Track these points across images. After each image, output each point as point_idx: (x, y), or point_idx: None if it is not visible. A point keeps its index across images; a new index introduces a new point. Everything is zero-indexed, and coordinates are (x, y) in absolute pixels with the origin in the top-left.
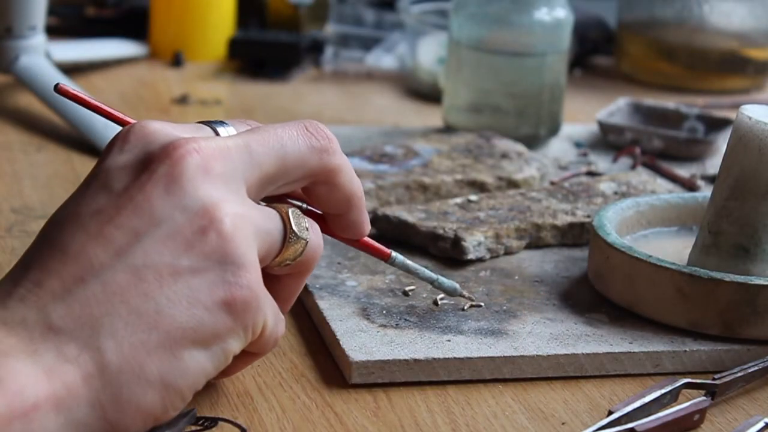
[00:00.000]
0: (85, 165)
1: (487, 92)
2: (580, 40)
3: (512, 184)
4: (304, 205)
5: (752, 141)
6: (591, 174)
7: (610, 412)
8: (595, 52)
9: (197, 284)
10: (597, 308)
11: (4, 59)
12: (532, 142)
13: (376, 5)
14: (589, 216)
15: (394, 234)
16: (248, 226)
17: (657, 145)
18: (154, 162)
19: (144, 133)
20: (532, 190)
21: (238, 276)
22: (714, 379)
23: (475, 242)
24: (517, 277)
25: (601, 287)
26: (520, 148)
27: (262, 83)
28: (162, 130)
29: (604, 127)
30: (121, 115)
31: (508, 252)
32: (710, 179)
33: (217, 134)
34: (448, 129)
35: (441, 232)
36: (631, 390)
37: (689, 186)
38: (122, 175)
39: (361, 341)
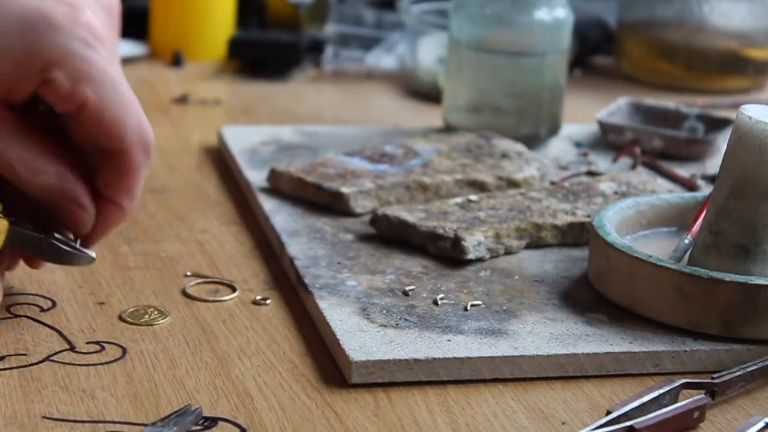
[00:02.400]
0: None
1: (487, 92)
2: (580, 40)
3: (512, 183)
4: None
5: (752, 141)
6: (591, 174)
7: (609, 412)
8: (595, 52)
9: None
10: (597, 308)
11: None
12: (532, 142)
13: (376, 5)
14: (589, 216)
15: (394, 234)
16: None
17: (657, 145)
18: None
19: None
20: (532, 189)
21: None
22: (713, 378)
23: (475, 242)
24: (517, 277)
25: (601, 287)
26: (520, 148)
27: (262, 83)
28: None
29: (604, 127)
30: None
31: (508, 252)
32: (710, 179)
33: None
34: (448, 129)
35: (441, 231)
36: (631, 390)
37: (689, 186)
38: None
39: (361, 341)
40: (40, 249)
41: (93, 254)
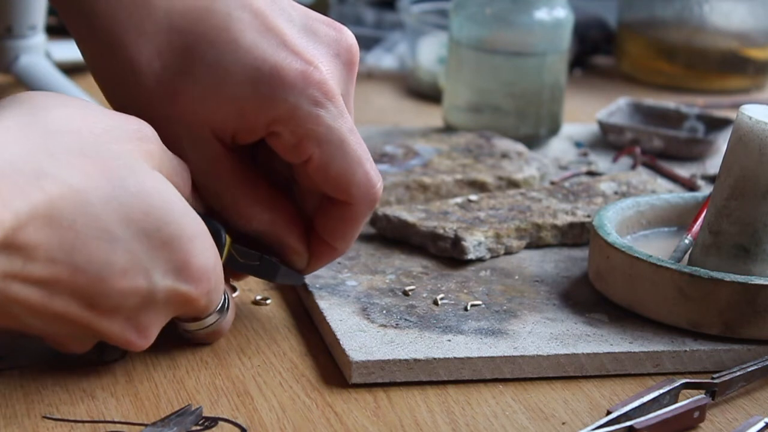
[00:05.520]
0: None
1: (487, 92)
2: (580, 40)
3: (512, 184)
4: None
5: (752, 141)
6: (591, 174)
7: (609, 412)
8: (595, 52)
9: None
10: (597, 308)
11: (4, 59)
12: (532, 142)
13: (376, 5)
14: (589, 216)
15: (394, 234)
16: None
17: (657, 145)
18: None
19: None
20: (532, 190)
21: None
22: (713, 378)
23: (475, 242)
24: (517, 277)
25: (601, 287)
26: (520, 148)
27: None
28: None
29: (604, 127)
30: None
31: (509, 252)
32: (710, 179)
33: None
34: (448, 129)
35: (441, 232)
36: (631, 390)
37: (689, 186)
38: None
39: (361, 341)
40: (256, 267)
41: (305, 278)
